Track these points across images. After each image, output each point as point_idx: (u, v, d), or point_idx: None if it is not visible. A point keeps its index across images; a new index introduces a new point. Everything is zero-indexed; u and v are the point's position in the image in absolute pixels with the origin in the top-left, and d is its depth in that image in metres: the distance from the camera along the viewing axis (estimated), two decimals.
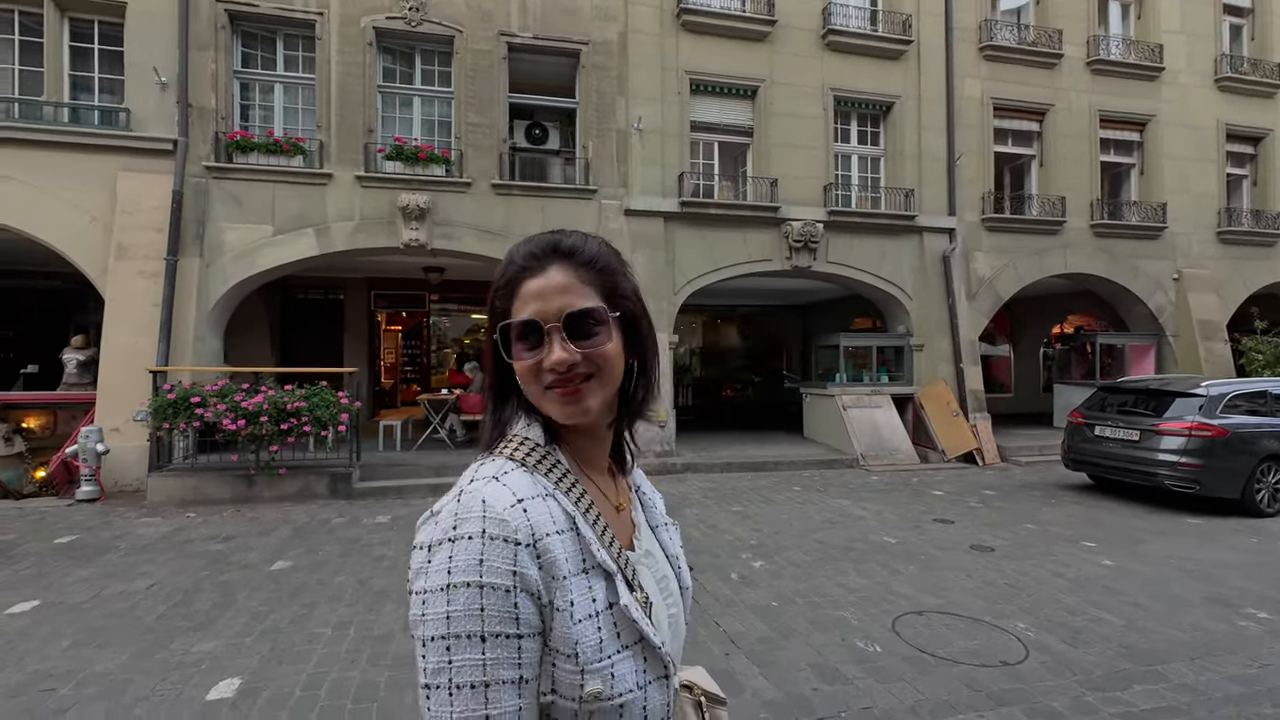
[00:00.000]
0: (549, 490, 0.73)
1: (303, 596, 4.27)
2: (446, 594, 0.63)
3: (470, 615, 0.63)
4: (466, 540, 0.65)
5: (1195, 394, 7.02)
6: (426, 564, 0.65)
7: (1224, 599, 4.37)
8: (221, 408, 6.31)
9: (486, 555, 0.64)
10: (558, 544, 0.69)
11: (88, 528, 5.87)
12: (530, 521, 0.68)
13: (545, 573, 0.67)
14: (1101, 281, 11.85)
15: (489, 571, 0.64)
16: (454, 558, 0.64)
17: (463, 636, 0.62)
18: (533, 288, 0.74)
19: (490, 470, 0.72)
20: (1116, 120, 11.82)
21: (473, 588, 0.63)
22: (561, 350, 0.72)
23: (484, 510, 0.66)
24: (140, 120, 7.94)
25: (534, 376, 0.74)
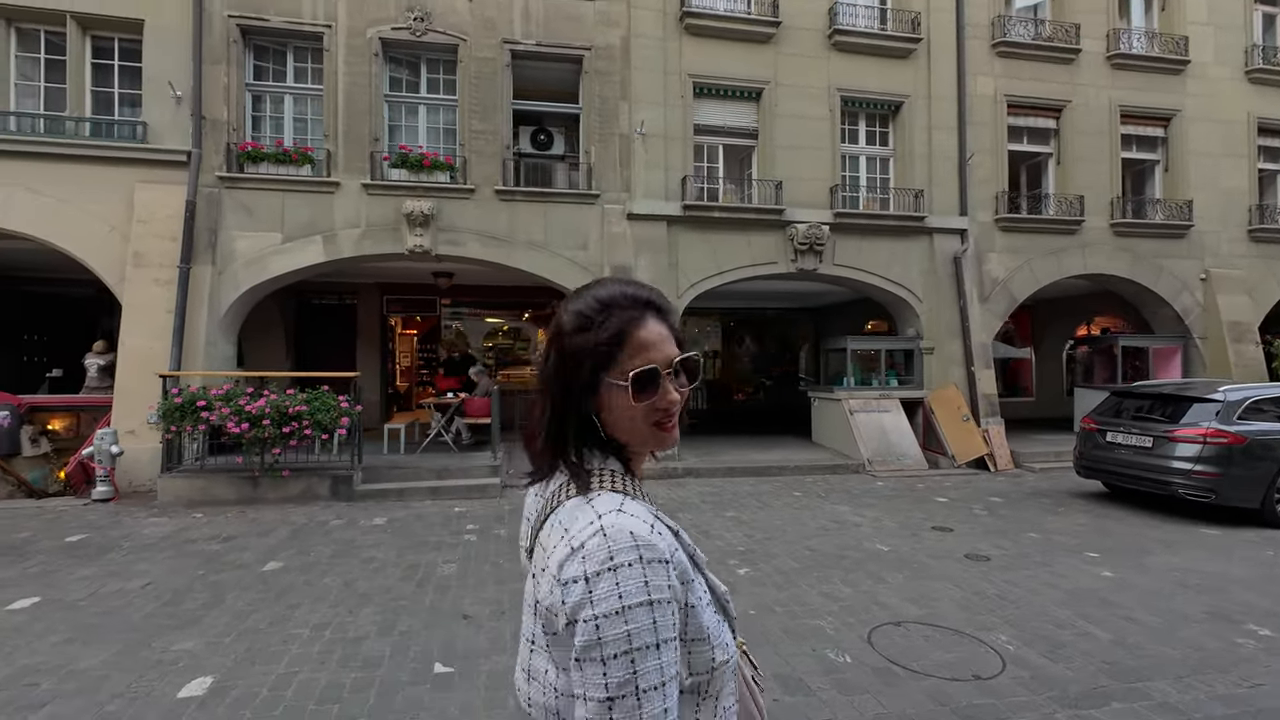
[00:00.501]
0: (654, 512, 0.85)
1: (289, 597, 4.36)
2: (623, 616, 0.74)
3: (646, 629, 0.74)
4: (627, 568, 0.75)
5: (1212, 399, 6.76)
6: (589, 594, 0.75)
7: (1226, 614, 4.19)
8: (226, 411, 6.49)
9: (651, 577, 0.76)
10: (681, 556, 0.83)
11: (98, 527, 6.09)
12: (666, 543, 0.80)
13: (680, 580, 0.80)
14: (1123, 282, 11.48)
15: (655, 590, 0.76)
16: (621, 585, 0.75)
17: (644, 648, 0.74)
18: (643, 338, 0.85)
19: (611, 504, 0.82)
20: (1139, 116, 11.45)
21: (644, 606, 0.74)
22: (675, 392, 0.87)
23: (634, 540, 0.77)
24: (157, 133, 8.22)
25: (645, 415, 0.86)
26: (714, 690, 0.85)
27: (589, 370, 0.84)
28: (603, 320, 0.84)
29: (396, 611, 4.13)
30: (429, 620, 4.00)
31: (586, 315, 0.85)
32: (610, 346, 0.84)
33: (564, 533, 0.82)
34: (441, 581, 4.70)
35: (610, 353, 0.84)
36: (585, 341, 0.84)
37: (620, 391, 0.84)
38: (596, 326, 0.84)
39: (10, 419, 7.87)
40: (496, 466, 7.85)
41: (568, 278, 9.26)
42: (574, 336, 0.85)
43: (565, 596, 0.76)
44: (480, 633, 3.82)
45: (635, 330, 0.85)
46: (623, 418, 0.86)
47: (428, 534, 5.95)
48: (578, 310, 0.87)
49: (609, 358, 0.84)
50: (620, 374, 0.84)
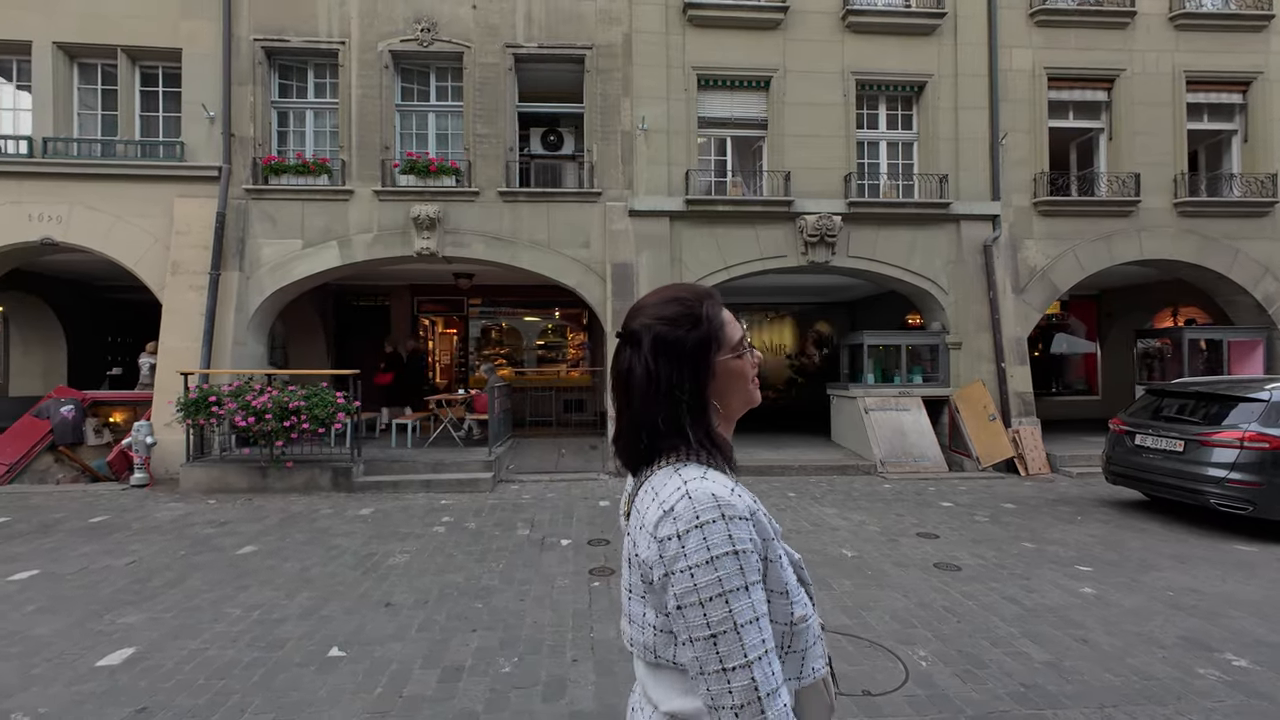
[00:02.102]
0: (736, 481, 0.96)
1: (244, 580, 4.68)
2: (713, 565, 0.84)
3: (735, 574, 0.84)
4: (711, 524, 0.86)
5: (1256, 398, 5.97)
6: (682, 549, 0.86)
7: (1205, 641, 3.71)
8: (233, 406, 7.03)
9: (734, 531, 0.86)
10: (762, 516, 0.92)
11: (123, 509, 6.76)
12: (747, 503, 0.90)
13: (760, 536, 0.90)
14: (1190, 269, 10.31)
15: (739, 540, 0.86)
16: (708, 539, 0.85)
17: (734, 590, 0.84)
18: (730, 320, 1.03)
19: (695, 472, 0.92)
20: (1210, 81, 10.24)
21: (731, 555, 0.85)
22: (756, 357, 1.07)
23: (717, 501, 0.87)
24: (193, 151, 8.99)
25: (748, 376, 1.03)
26: (798, 647, 0.95)
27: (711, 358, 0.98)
28: (708, 312, 0.99)
29: (328, 597, 4.34)
30: (353, 606, 4.18)
31: (689, 314, 0.98)
32: (720, 330, 0.99)
33: (654, 496, 0.92)
34: (387, 570, 4.90)
35: (720, 335, 0.99)
36: (702, 335, 0.97)
37: (734, 364, 0.99)
38: (706, 320, 0.98)
39: (75, 412, 8.84)
40: (491, 462, 8.05)
41: (570, 276, 9.37)
42: (690, 333, 0.97)
43: (662, 552, 0.88)
44: (393, 620, 3.96)
45: (723, 315, 1.01)
46: (736, 386, 1.01)
47: (401, 525, 6.20)
48: (676, 314, 0.98)
49: (721, 340, 0.99)
50: (732, 348, 1.00)
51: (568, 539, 5.77)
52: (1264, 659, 3.50)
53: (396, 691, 3.12)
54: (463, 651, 3.55)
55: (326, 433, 7.31)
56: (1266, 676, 3.31)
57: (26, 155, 8.76)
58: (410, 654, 3.51)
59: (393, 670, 3.33)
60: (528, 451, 9.59)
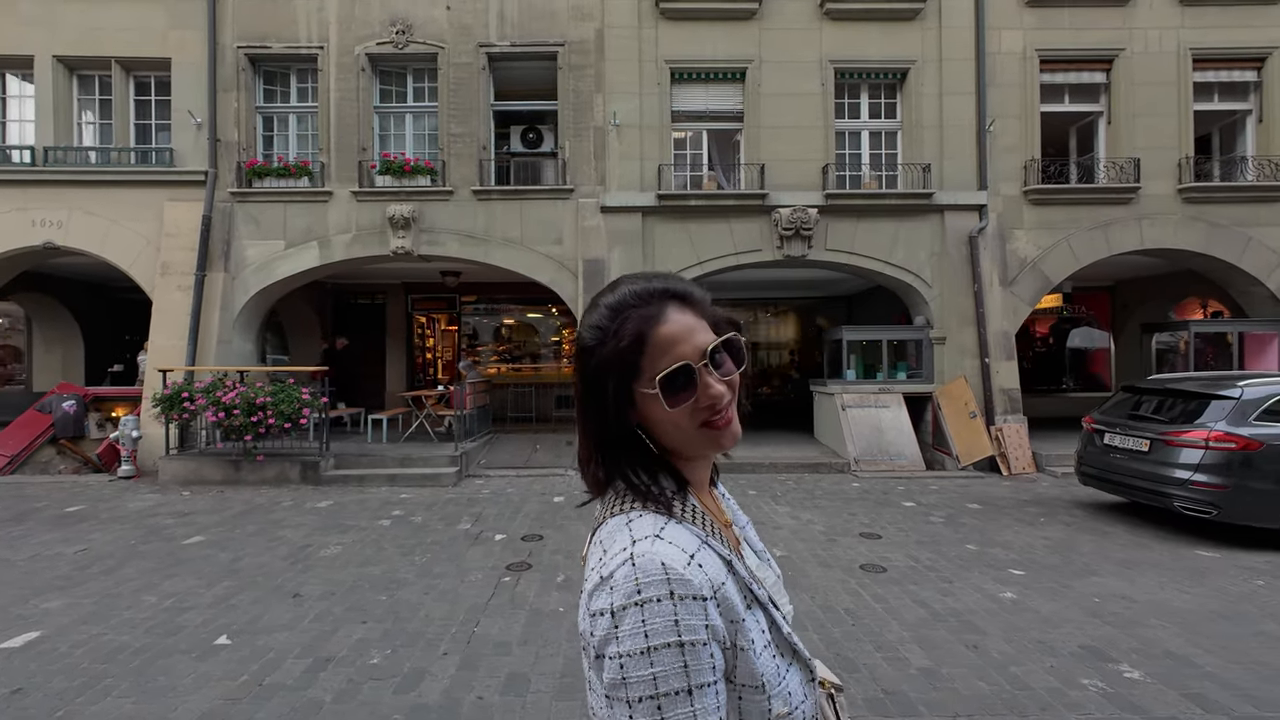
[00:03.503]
0: (703, 538, 0.76)
1: (176, 569, 4.88)
2: (648, 657, 0.66)
3: (675, 673, 0.66)
4: (656, 603, 0.67)
5: (1226, 396, 5.63)
6: (615, 629, 0.67)
7: (1104, 651, 3.54)
8: (202, 402, 7.32)
9: (680, 615, 0.67)
10: (730, 590, 0.72)
11: (100, 499, 7.11)
12: (708, 576, 0.71)
13: (726, 618, 0.71)
14: (1198, 258, 9.75)
15: (686, 630, 0.67)
16: (647, 621, 0.67)
17: (671, 694, 0.65)
18: (666, 334, 0.75)
19: (648, 528, 0.74)
20: (1219, 59, 9.64)
21: (673, 648, 0.66)
22: (717, 385, 0.76)
23: (666, 573, 0.68)
24: (182, 157, 9.35)
25: (689, 417, 0.76)
26: None
27: (616, 386, 0.76)
28: (617, 328, 0.76)
29: (245, 587, 4.50)
30: (263, 597, 4.32)
31: (600, 327, 0.78)
32: (633, 354, 0.75)
33: (601, 554, 0.75)
34: (315, 562, 5.04)
35: (634, 362, 0.75)
36: (606, 356, 0.77)
37: (647, 403, 0.76)
38: (612, 337, 0.76)
39: (77, 407, 9.32)
40: (457, 457, 8.18)
41: (543, 273, 9.43)
42: (594, 353, 0.78)
43: (593, 629, 0.70)
44: (293, 611, 4.07)
45: (654, 329, 0.76)
46: (667, 427, 0.77)
47: (350, 518, 6.36)
48: (592, 325, 0.79)
49: (634, 368, 0.76)
50: (650, 381, 0.75)
51: (504, 534, 5.83)
52: (1159, 671, 3.32)
53: (258, 680, 3.22)
54: (342, 643, 3.64)
55: (293, 427, 7.55)
56: (1151, 690, 3.14)
57: (29, 164, 9.26)
58: (291, 644, 3.62)
59: (267, 659, 3.44)
60: (503, 447, 9.71)
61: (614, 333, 0.76)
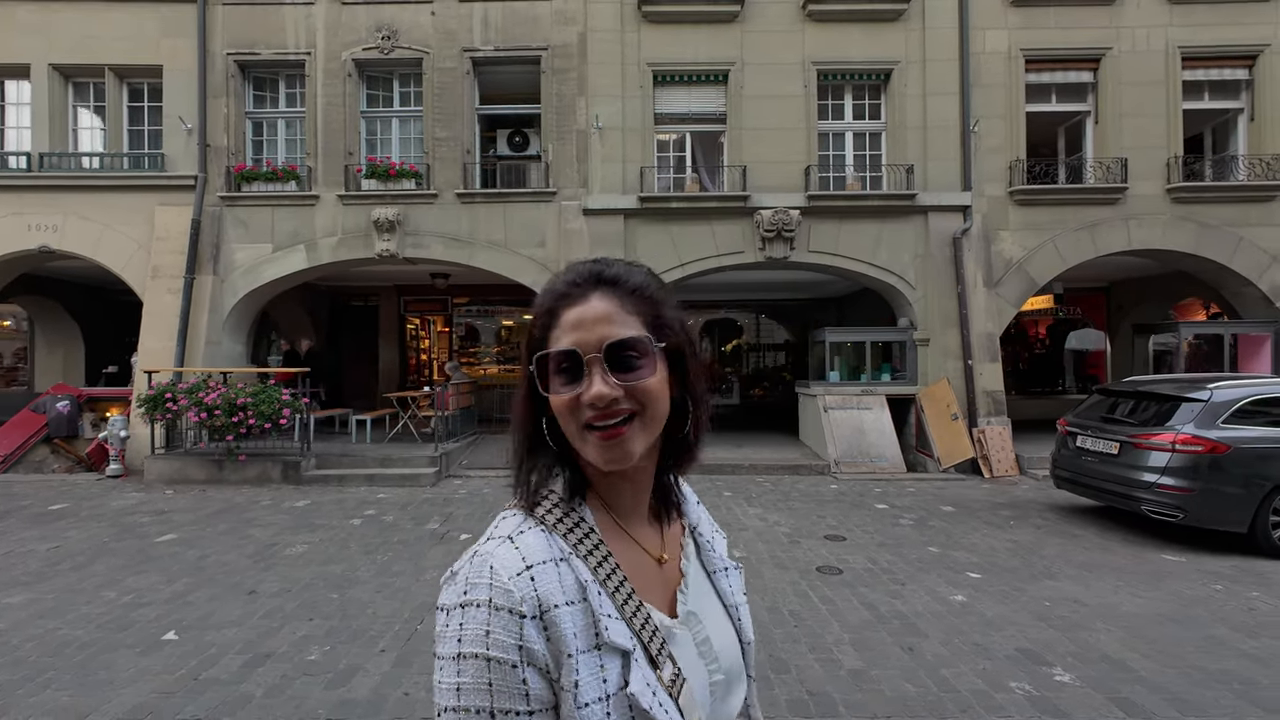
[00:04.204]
0: (564, 554, 0.67)
1: (143, 565, 4.98)
2: (457, 664, 0.61)
3: (479, 689, 0.60)
4: (475, 608, 0.62)
5: (1196, 398, 5.57)
6: (445, 629, 0.63)
7: (1040, 655, 3.53)
8: (185, 402, 7.45)
9: (492, 627, 0.61)
10: (566, 617, 0.63)
11: (85, 498, 7.25)
12: (537, 592, 0.63)
13: (553, 646, 0.62)
14: (1187, 259, 9.64)
15: (495, 645, 0.61)
16: (464, 626, 0.62)
17: (471, 710, 0.60)
18: (572, 316, 0.68)
19: (507, 529, 0.68)
20: (1209, 57, 9.53)
21: (480, 660, 0.60)
22: (602, 383, 0.66)
23: (491, 578, 0.63)
24: (173, 162, 9.53)
25: (571, 413, 0.67)
26: None
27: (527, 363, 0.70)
28: (540, 304, 0.71)
29: (205, 583, 4.58)
30: (219, 594, 4.40)
31: (539, 294, 0.73)
32: (542, 333, 0.70)
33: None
34: (278, 560, 5.12)
35: (542, 336, 0.70)
36: (529, 333, 0.72)
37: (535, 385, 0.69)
38: (536, 313, 0.71)
39: (70, 407, 9.52)
40: (436, 457, 8.26)
41: (526, 275, 9.49)
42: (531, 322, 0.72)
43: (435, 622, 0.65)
44: (245, 607, 4.15)
45: (566, 310, 0.69)
46: (562, 420, 0.69)
47: (322, 517, 6.45)
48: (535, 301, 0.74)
49: (541, 342, 0.69)
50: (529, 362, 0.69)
51: (470, 534, 5.88)
52: (1091, 675, 3.30)
53: (195, 675, 3.29)
54: (285, 639, 3.70)
55: (274, 428, 7.66)
56: (1078, 693, 3.13)
57: (25, 169, 9.47)
58: (236, 640, 3.69)
59: (208, 655, 3.51)
60: (487, 448, 9.78)
61: (536, 308, 0.71)
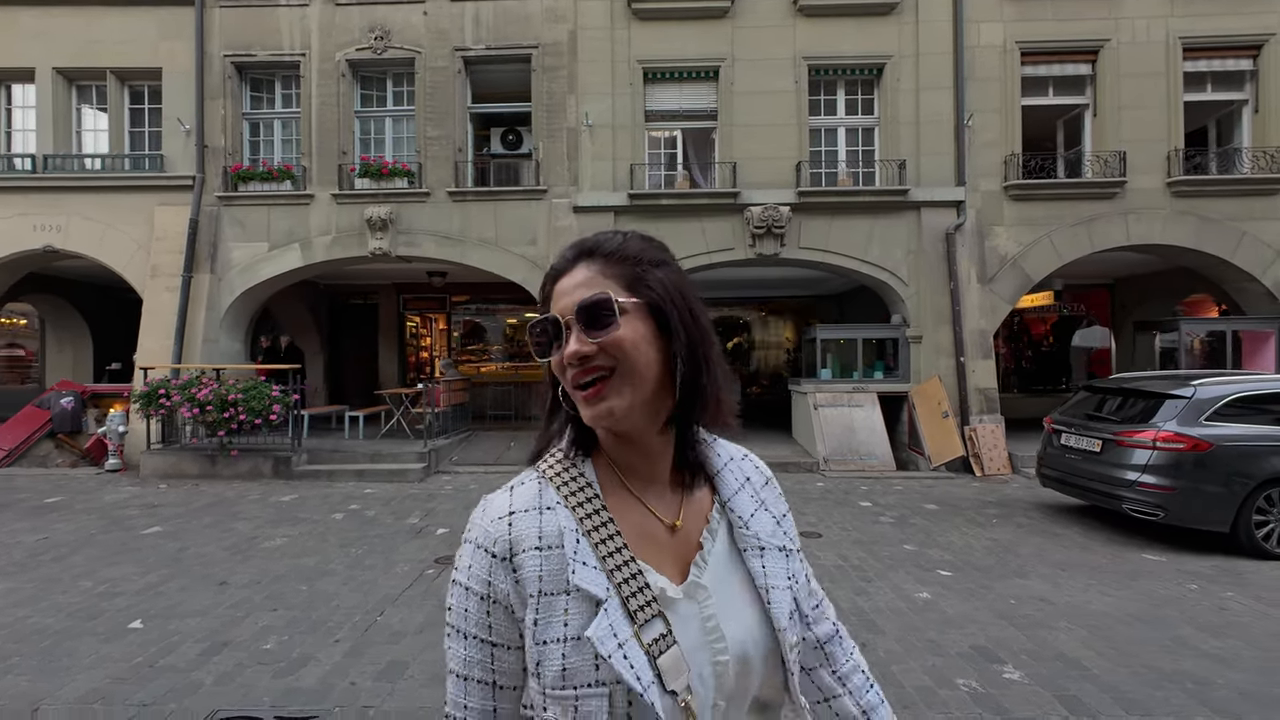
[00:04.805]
0: (553, 503, 0.72)
1: (123, 557, 5.09)
2: (452, 588, 0.72)
3: (460, 613, 0.70)
4: (466, 545, 0.72)
5: (1179, 395, 5.47)
6: (456, 559, 0.73)
7: (994, 652, 3.49)
8: (178, 398, 7.59)
9: (473, 562, 0.70)
10: (534, 559, 0.68)
11: (82, 491, 7.43)
12: (511, 536, 0.69)
13: (520, 587, 0.67)
14: (1188, 254, 9.44)
15: (471, 578, 0.69)
16: (460, 558, 0.72)
17: (455, 630, 0.70)
18: (561, 286, 0.74)
19: (515, 480, 0.76)
20: (1212, 47, 9.32)
21: (460, 588, 0.70)
22: (575, 342, 0.70)
23: (481, 519, 0.72)
24: (172, 162, 9.70)
25: (561, 374, 0.72)
26: None
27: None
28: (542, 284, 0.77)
29: (179, 575, 4.68)
30: (191, 584, 4.49)
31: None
32: (543, 306, 0.76)
33: None
34: (256, 552, 5.21)
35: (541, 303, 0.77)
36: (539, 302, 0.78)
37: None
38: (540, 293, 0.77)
39: (74, 403, 9.72)
40: (425, 453, 8.34)
41: (517, 272, 9.55)
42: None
43: None
44: (214, 598, 4.23)
45: (557, 283, 0.74)
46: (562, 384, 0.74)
47: (307, 511, 6.54)
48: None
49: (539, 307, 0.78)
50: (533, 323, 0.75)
51: (448, 528, 5.94)
52: (1042, 673, 3.27)
53: (152, 662, 3.36)
54: (247, 629, 3.77)
55: (264, 423, 7.78)
56: (1025, 691, 3.10)
57: (30, 171, 9.69)
58: (198, 629, 3.76)
59: (169, 643, 3.58)
60: (479, 444, 9.86)
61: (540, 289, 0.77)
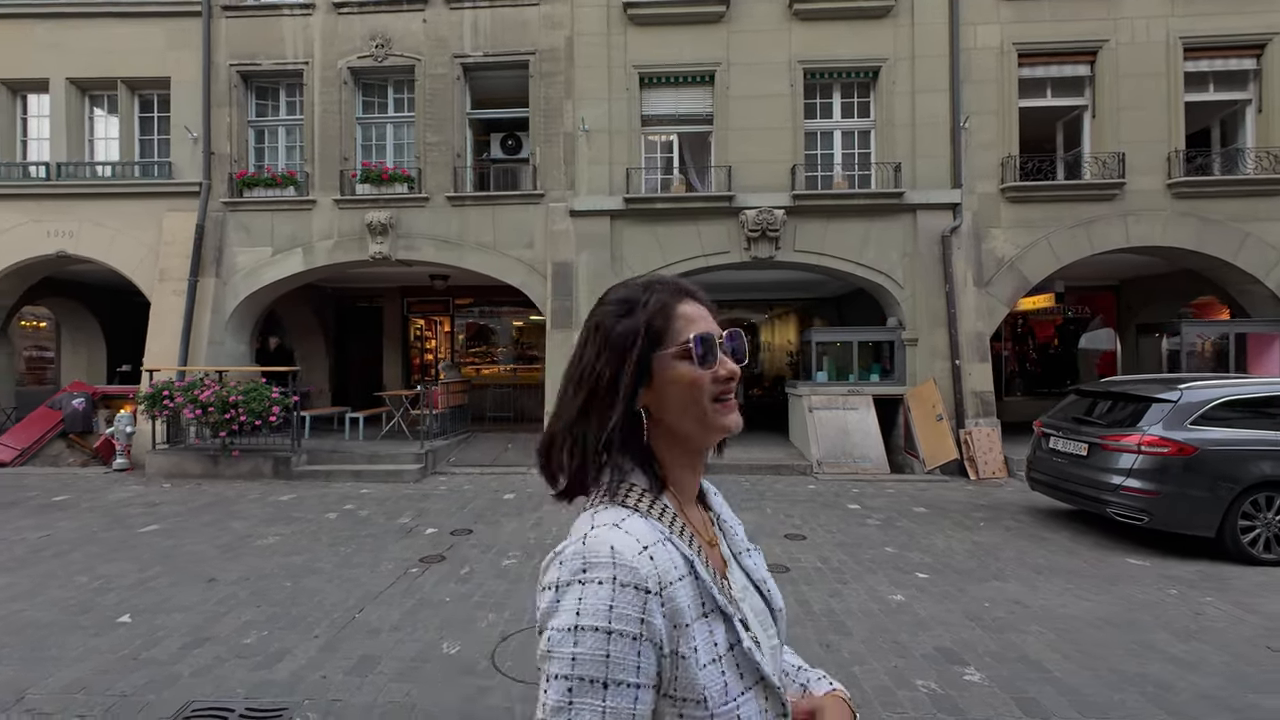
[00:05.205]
0: (665, 535, 0.73)
1: (120, 553, 5.25)
2: (574, 635, 0.65)
3: (595, 660, 0.64)
4: (596, 585, 0.66)
5: (1165, 399, 5.44)
6: (556, 604, 0.67)
7: (958, 654, 3.52)
8: (180, 400, 7.79)
9: (616, 602, 0.65)
10: (681, 590, 0.69)
11: (88, 490, 7.63)
12: (657, 570, 0.68)
13: (669, 621, 0.68)
14: (1190, 255, 9.34)
15: (618, 619, 0.65)
16: (583, 600, 0.66)
17: (585, 680, 0.64)
18: (688, 312, 0.79)
19: (609, 517, 0.73)
20: (1214, 47, 9.22)
21: (600, 633, 0.64)
22: (732, 362, 0.79)
23: (613, 556, 0.67)
24: (179, 169, 9.94)
25: (704, 390, 0.77)
26: None
27: (641, 352, 0.77)
28: (647, 300, 0.80)
29: (171, 571, 4.82)
30: (181, 580, 4.63)
31: (629, 300, 0.81)
32: (660, 321, 0.78)
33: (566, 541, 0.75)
34: (247, 550, 5.35)
35: (661, 328, 0.78)
36: (634, 323, 0.78)
37: (678, 367, 0.77)
38: (642, 306, 0.79)
39: (85, 404, 9.98)
40: (422, 454, 8.47)
41: (514, 275, 9.67)
42: (621, 321, 0.79)
43: (540, 602, 0.70)
44: (201, 594, 4.36)
45: (678, 305, 0.80)
46: (684, 399, 0.77)
47: (302, 511, 6.68)
48: (620, 297, 0.82)
49: (660, 334, 0.78)
50: (678, 345, 0.77)
51: (436, 528, 6.05)
52: (1003, 675, 3.29)
53: (135, 655, 3.48)
54: (229, 624, 3.89)
55: (264, 424, 7.95)
56: (983, 692, 3.12)
57: (45, 178, 9.98)
58: (183, 624, 3.89)
59: (154, 637, 3.71)
60: (477, 445, 9.98)
61: (643, 303, 0.79)
